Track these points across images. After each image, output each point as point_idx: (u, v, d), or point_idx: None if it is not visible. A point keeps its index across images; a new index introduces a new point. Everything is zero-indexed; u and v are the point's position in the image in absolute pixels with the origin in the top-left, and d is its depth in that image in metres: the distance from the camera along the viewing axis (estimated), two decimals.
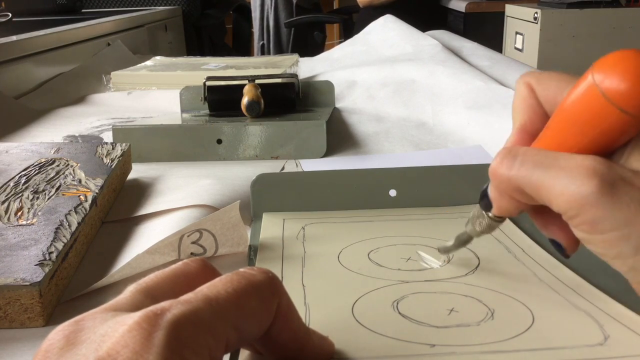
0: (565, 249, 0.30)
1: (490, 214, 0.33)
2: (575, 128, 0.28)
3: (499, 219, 0.33)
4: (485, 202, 0.32)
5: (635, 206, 0.25)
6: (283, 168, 0.65)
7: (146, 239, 0.46)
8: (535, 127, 0.31)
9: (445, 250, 0.38)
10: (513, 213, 0.31)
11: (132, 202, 0.54)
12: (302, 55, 1.33)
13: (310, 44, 2.73)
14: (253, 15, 2.92)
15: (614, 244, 0.26)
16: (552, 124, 0.29)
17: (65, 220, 0.43)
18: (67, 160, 0.56)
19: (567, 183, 0.26)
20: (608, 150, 0.28)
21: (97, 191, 0.48)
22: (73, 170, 0.53)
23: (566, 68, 2.15)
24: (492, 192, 0.31)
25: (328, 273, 0.38)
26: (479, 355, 0.28)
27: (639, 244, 0.26)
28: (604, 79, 0.26)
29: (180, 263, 0.25)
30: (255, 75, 0.81)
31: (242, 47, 2.83)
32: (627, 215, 0.25)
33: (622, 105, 0.26)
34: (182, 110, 0.83)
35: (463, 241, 0.37)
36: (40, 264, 0.36)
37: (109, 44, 1.47)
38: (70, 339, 0.21)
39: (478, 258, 0.39)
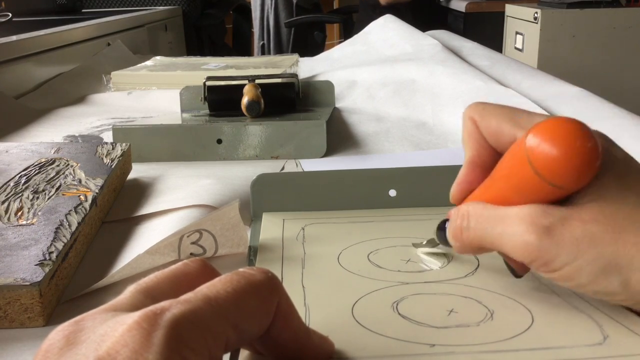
0: (515, 271, 0.34)
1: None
2: (512, 190, 0.30)
3: None
4: (442, 237, 0.35)
5: (577, 240, 0.28)
6: (283, 168, 0.65)
7: (146, 239, 0.46)
8: (482, 159, 0.33)
9: (417, 245, 0.40)
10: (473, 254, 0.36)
11: (132, 202, 0.54)
12: (302, 55, 1.33)
13: (310, 44, 2.73)
14: (253, 15, 2.92)
15: (571, 278, 0.29)
16: (492, 178, 0.32)
17: (65, 220, 0.43)
18: (67, 160, 0.56)
19: (512, 237, 0.29)
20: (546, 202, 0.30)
21: (97, 191, 0.48)
22: (73, 170, 0.53)
23: (566, 68, 2.16)
24: (456, 248, 0.34)
25: (328, 274, 0.38)
26: (479, 355, 0.28)
27: (590, 271, 0.28)
28: (534, 151, 0.27)
29: (180, 263, 0.26)
30: (255, 75, 0.81)
31: (242, 47, 2.83)
32: (572, 250, 0.28)
33: (551, 179, 0.27)
34: (182, 110, 0.83)
35: (433, 244, 0.39)
36: (40, 264, 0.36)
37: (109, 44, 1.47)
38: (70, 339, 0.21)
39: (477, 259, 0.39)
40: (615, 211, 0.28)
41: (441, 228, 0.35)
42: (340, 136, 0.76)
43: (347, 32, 2.41)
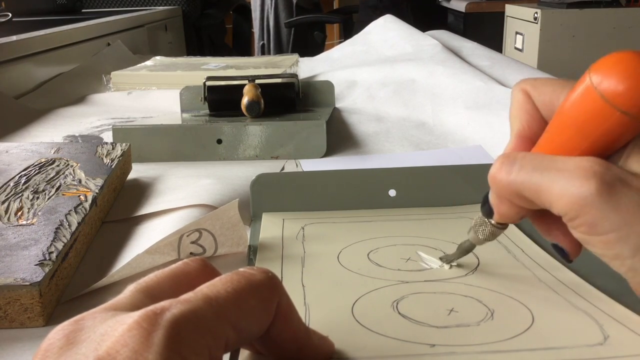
0: (568, 254, 0.31)
1: (492, 221, 0.33)
2: (574, 131, 0.28)
3: (501, 226, 0.33)
4: (486, 209, 0.33)
5: (633, 208, 0.26)
6: (283, 168, 0.65)
7: (146, 239, 0.46)
8: (533, 132, 0.31)
9: (448, 260, 0.38)
10: (514, 219, 0.32)
11: (132, 202, 0.54)
12: (302, 55, 1.33)
13: (310, 44, 2.73)
14: (253, 15, 2.92)
15: (613, 245, 0.26)
16: (550, 128, 0.29)
17: (65, 220, 0.43)
18: (67, 160, 0.56)
19: (565, 185, 0.27)
20: (607, 151, 0.28)
21: (97, 191, 0.48)
22: (73, 170, 0.53)
23: (566, 68, 2.16)
24: (492, 199, 0.31)
25: (328, 273, 0.38)
26: (479, 355, 0.28)
27: (637, 245, 0.26)
28: (601, 80, 0.26)
29: (180, 263, 0.26)
30: (255, 75, 0.81)
31: (242, 47, 2.83)
32: (625, 216, 0.26)
33: (621, 106, 0.26)
34: (182, 110, 0.83)
35: (465, 249, 0.37)
36: (40, 264, 0.36)
37: (109, 44, 1.47)
38: (70, 339, 0.21)
39: (478, 258, 0.39)
40: None
41: (485, 200, 0.33)
42: (340, 136, 0.76)
43: (347, 32, 2.41)
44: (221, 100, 0.80)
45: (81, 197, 0.47)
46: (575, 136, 0.28)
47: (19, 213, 0.44)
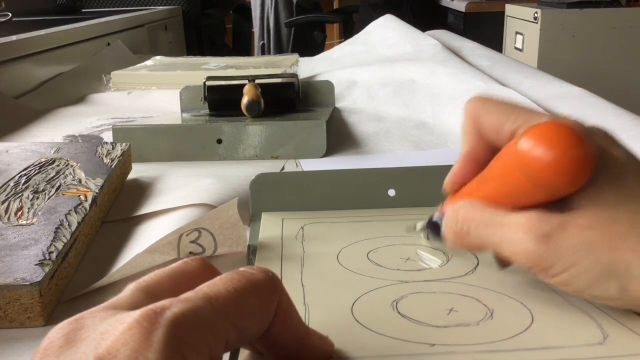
0: (500, 262, 0.34)
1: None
2: (505, 192, 0.30)
3: None
4: (434, 234, 0.36)
5: (574, 247, 0.28)
6: (283, 168, 0.65)
7: (146, 238, 0.46)
8: (479, 154, 0.34)
9: (411, 229, 0.40)
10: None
11: (132, 202, 0.54)
12: (302, 55, 1.33)
13: (310, 43, 2.73)
14: (253, 15, 2.92)
15: (568, 282, 0.29)
16: (484, 176, 0.32)
17: (65, 220, 0.43)
18: (67, 160, 0.56)
19: (511, 244, 0.30)
20: (542, 204, 0.30)
21: (97, 191, 0.48)
22: (73, 170, 0.53)
23: (566, 68, 2.16)
24: (451, 247, 0.34)
25: (327, 273, 0.38)
26: (479, 355, 0.28)
27: (588, 278, 0.28)
28: (525, 156, 0.27)
29: (180, 262, 0.26)
30: (255, 75, 0.81)
31: (242, 47, 2.82)
32: (570, 257, 0.28)
33: (542, 186, 0.27)
34: (182, 110, 0.83)
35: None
36: (40, 264, 0.36)
37: (109, 44, 1.47)
38: (69, 337, 0.21)
39: (477, 258, 0.39)
40: (612, 216, 0.28)
41: (432, 226, 0.36)
42: (340, 136, 0.76)
43: (347, 32, 2.41)
44: (221, 100, 0.80)
45: (81, 197, 0.47)
46: (507, 196, 0.30)
47: (19, 213, 0.44)
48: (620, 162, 0.29)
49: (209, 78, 0.82)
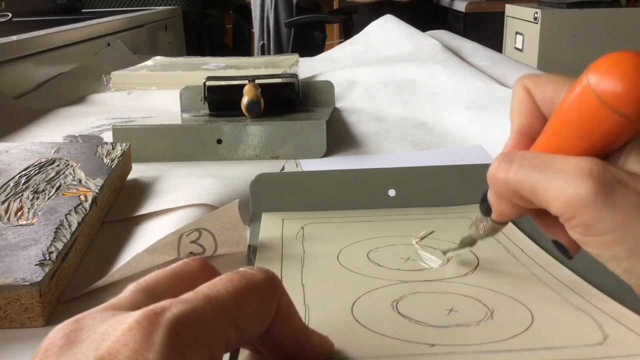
0: (568, 250, 0.31)
1: (491, 218, 0.33)
2: (572, 131, 0.28)
3: (502, 222, 0.33)
4: (485, 207, 0.33)
5: (630, 209, 0.26)
6: (283, 168, 0.65)
7: (146, 238, 0.46)
8: (533, 129, 0.31)
9: (448, 251, 0.38)
10: (513, 217, 0.32)
11: (132, 202, 0.54)
12: (302, 55, 1.33)
13: (310, 44, 2.73)
14: (253, 15, 2.92)
15: (609, 247, 0.26)
16: (549, 128, 0.29)
17: (65, 220, 0.43)
18: (67, 160, 0.56)
19: (563, 185, 0.27)
20: (606, 152, 0.28)
21: (97, 191, 0.48)
22: (73, 170, 0.53)
23: (566, 68, 2.15)
24: (491, 197, 0.31)
25: (327, 273, 0.38)
26: (479, 355, 0.28)
27: (633, 247, 0.26)
28: (599, 81, 0.26)
29: (180, 262, 0.26)
30: (255, 75, 0.81)
31: (242, 47, 2.82)
32: (622, 218, 0.26)
33: (618, 108, 0.26)
34: (182, 110, 0.83)
35: (467, 243, 0.37)
36: (40, 264, 0.36)
37: (109, 44, 1.47)
38: (70, 338, 0.21)
39: (477, 258, 0.39)
40: None
41: (484, 199, 0.33)
42: (340, 136, 0.76)
43: (347, 32, 2.41)
44: (221, 100, 0.80)
45: (81, 197, 0.47)
46: (574, 137, 0.28)
47: (19, 213, 0.44)
48: None
49: (209, 78, 0.82)
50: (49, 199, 0.47)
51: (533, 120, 0.31)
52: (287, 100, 0.81)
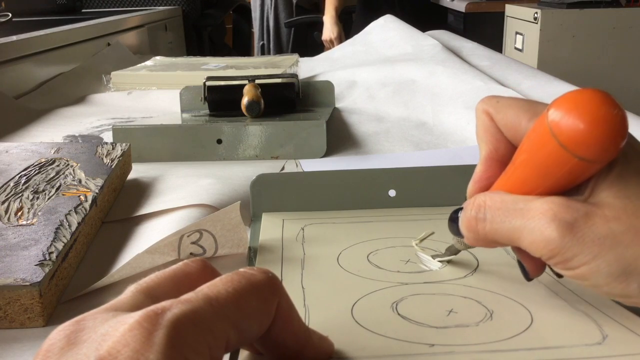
0: (528, 273, 0.32)
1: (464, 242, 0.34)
2: (535, 170, 0.28)
3: None
4: (455, 230, 0.33)
5: (599, 239, 0.27)
6: (283, 168, 0.65)
7: (146, 239, 0.46)
8: (500, 154, 0.32)
9: (437, 257, 0.39)
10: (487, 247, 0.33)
11: (132, 202, 0.54)
12: (302, 55, 1.33)
13: (310, 44, 2.73)
14: (253, 15, 2.92)
15: (588, 277, 0.28)
16: (512, 166, 0.30)
17: (65, 220, 0.43)
18: (67, 160, 0.56)
19: (532, 233, 0.28)
20: (570, 187, 0.28)
21: (97, 191, 0.48)
22: (73, 170, 0.53)
23: (566, 68, 2.15)
24: (467, 240, 0.32)
25: (327, 275, 0.38)
26: (478, 355, 0.28)
27: (609, 272, 0.27)
28: (558, 124, 0.26)
29: (180, 263, 0.26)
30: (255, 75, 0.81)
31: (242, 47, 2.83)
32: (593, 249, 0.27)
33: (578, 152, 0.26)
34: (182, 110, 0.83)
35: (452, 252, 0.38)
36: (40, 264, 0.37)
37: (109, 44, 1.47)
38: (71, 339, 0.21)
39: (477, 260, 0.39)
40: (638, 210, 0.27)
41: (453, 219, 0.33)
42: (340, 136, 0.77)
43: (347, 32, 2.41)
44: (221, 100, 0.80)
45: (81, 197, 0.47)
46: (537, 175, 0.28)
47: (19, 213, 0.44)
48: None
49: (209, 78, 0.82)
50: (49, 199, 0.47)
51: (499, 146, 0.32)
52: (287, 100, 0.81)
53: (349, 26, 2.48)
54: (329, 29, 2.39)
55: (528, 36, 2.34)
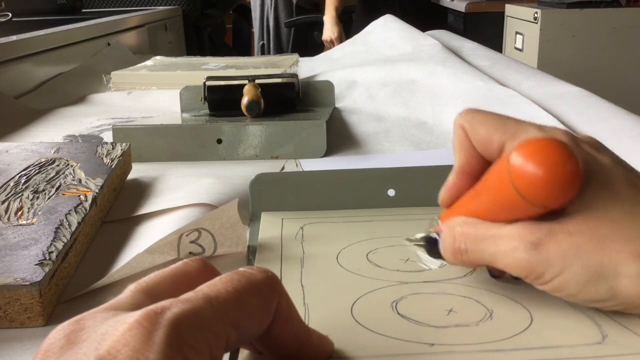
0: (492, 273, 0.35)
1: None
2: (498, 205, 0.31)
3: None
4: (436, 252, 0.35)
5: (564, 252, 0.29)
6: (283, 168, 0.65)
7: (146, 238, 0.46)
8: (472, 168, 0.34)
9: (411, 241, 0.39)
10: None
11: (132, 202, 0.54)
12: (302, 55, 1.33)
13: (310, 44, 2.73)
14: (253, 15, 2.92)
15: (561, 288, 0.30)
16: (477, 191, 0.32)
17: (65, 220, 0.43)
18: (67, 160, 0.56)
19: (506, 256, 0.30)
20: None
21: (97, 191, 0.48)
22: (73, 170, 0.53)
23: (566, 68, 2.16)
24: (452, 264, 0.35)
25: (327, 274, 0.38)
26: (478, 354, 0.28)
27: (579, 282, 0.29)
28: (515, 171, 0.28)
29: (180, 263, 0.26)
30: (255, 75, 0.81)
31: (242, 47, 2.83)
32: (560, 262, 0.29)
33: (534, 201, 0.28)
34: (182, 110, 0.83)
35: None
36: (40, 264, 0.37)
37: (109, 44, 1.47)
38: (70, 338, 0.21)
39: None
40: (599, 221, 0.29)
41: (430, 242, 0.36)
42: (340, 136, 0.77)
43: (347, 32, 2.41)
44: (221, 100, 0.80)
45: (81, 197, 0.47)
46: (498, 210, 0.31)
47: (19, 213, 0.44)
48: (608, 168, 0.30)
49: (209, 78, 0.82)
50: (49, 198, 0.47)
51: (472, 160, 0.34)
52: (287, 100, 0.81)
53: (349, 26, 2.48)
54: (329, 29, 2.39)
55: (528, 36, 2.34)
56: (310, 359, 0.26)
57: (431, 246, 0.35)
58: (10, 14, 1.57)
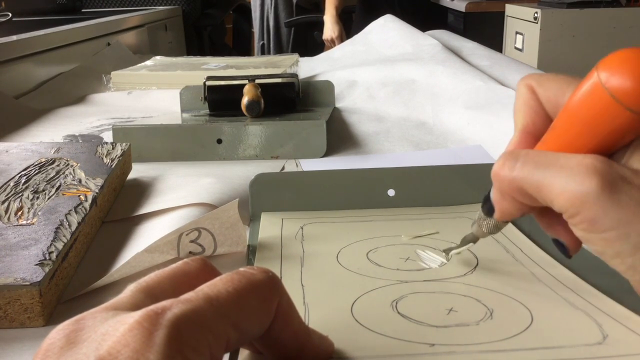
0: (568, 249, 0.31)
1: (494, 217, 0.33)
2: (581, 128, 0.28)
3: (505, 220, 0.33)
4: (487, 207, 0.33)
5: (634, 205, 0.26)
6: (283, 168, 0.65)
7: (146, 238, 0.46)
8: (537, 128, 0.31)
9: (450, 250, 0.38)
10: (516, 215, 0.31)
11: (132, 202, 0.54)
12: (302, 55, 1.33)
13: (310, 44, 2.73)
14: (253, 15, 2.92)
15: (613, 243, 0.26)
16: (557, 125, 0.29)
17: (65, 220, 0.43)
18: (67, 160, 0.56)
19: (567, 182, 0.26)
20: (612, 149, 0.28)
21: (97, 191, 0.48)
22: (73, 170, 0.53)
23: (566, 68, 2.15)
24: (494, 195, 0.31)
25: (327, 273, 0.38)
26: (478, 355, 0.28)
27: (637, 243, 0.26)
28: (610, 78, 0.26)
29: (180, 262, 0.26)
30: (255, 75, 0.81)
31: (242, 47, 2.83)
32: (626, 214, 0.25)
33: (629, 104, 0.26)
34: (182, 110, 0.83)
35: (469, 240, 0.37)
36: (40, 264, 0.36)
37: (109, 44, 1.47)
38: (70, 338, 0.21)
39: (477, 258, 0.39)
40: None
41: (487, 200, 0.33)
42: (340, 136, 0.77)
43: (347, 31, 2.41)
44: (221, 100, 0.80)
45: (81, 197, 0.47)
46: (582, 133, 0.28)
47: (19, 213, 0.44)
48: None
49: (209, 78, 0.82)
50: (49, 198, 0.47)
51: (537, 119, 0.31)
52: (287, 100, 0.81)
53: (349, 26, 2.48)
54: (330, 28, 2.39)
55: (528, 36, 2.34)
56: (310, 359, 0.26)
57: (485, 201, 0.33)
58: (10, 14, 1.57)
